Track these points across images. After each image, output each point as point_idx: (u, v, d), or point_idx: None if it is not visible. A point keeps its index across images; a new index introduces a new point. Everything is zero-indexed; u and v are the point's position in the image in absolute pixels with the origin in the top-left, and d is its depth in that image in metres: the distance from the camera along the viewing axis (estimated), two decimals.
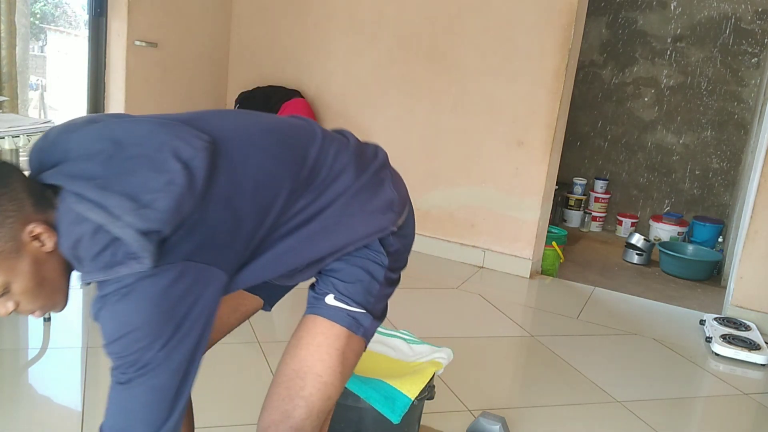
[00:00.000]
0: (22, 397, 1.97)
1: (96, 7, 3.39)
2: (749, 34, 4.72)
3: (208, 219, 0.94)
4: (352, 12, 3.90)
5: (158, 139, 0.95)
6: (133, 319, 0.89)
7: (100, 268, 0.89)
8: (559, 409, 2.24)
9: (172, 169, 0.91)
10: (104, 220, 0.88)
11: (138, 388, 0.91)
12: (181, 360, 0.93)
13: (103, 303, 0.90)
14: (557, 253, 3.82)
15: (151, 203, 0.88)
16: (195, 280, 0.92)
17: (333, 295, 1.11)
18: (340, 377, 1.10)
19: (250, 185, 0.99)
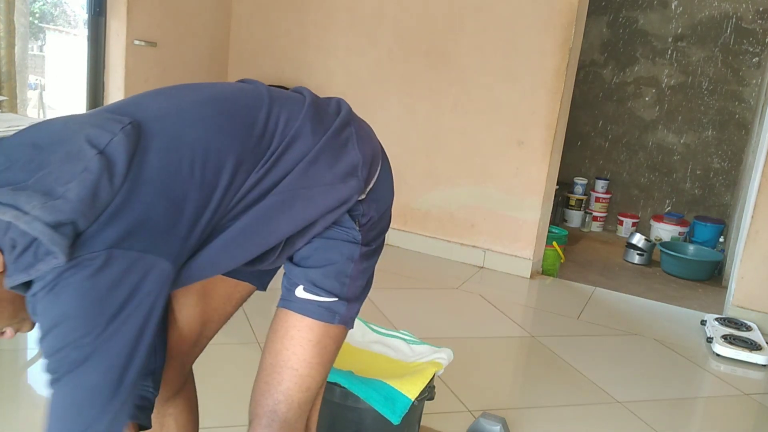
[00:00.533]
0: (22, 397, 1.96)
1: (95, 6, 3.38)
2: (750, 33, 4.71)
3: (136, 204, 0.87)
4: (352, 11, 3.90)
5: (72, 130, 0.90)
6: (60, 312, 0.84)
7: (22, 270, 0.84)
8: (559, 410, 2.24)
9: (86, 156, 0.86)
10: (13, 218, 0.82)
11: (68, 385, 0.85)
12: (116, 354, 0.86)
13: (33, 301, 0.85)
14: (558, 253, 3.81)
15: (63, 194, 0.83)
16: (127, 269, 0.86)
17: (302, 287, 1.07)
18: (318, 367, 1.08)
19: (186, 164, 0.92)
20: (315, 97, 1.10)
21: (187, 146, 0.93)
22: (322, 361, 1.08)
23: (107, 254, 0.84)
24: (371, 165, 1.09)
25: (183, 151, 0.92)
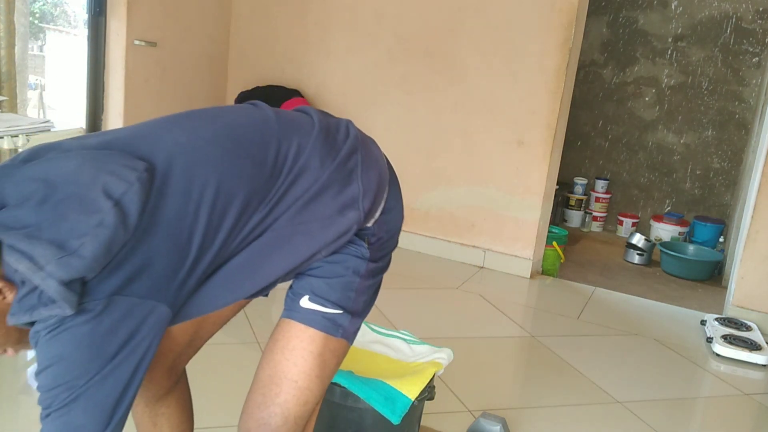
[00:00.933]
0: (21, 397, 1.96)
1: (95, 6, 3.38)
2: (750, 33, 4.71)
3: (142, 251, 0.89)
4: (352, 11, 3.90)
5: (88, 176, 0.89)
6: (57, 353, 0.86)
7: (25, 311, 0.85)
8: (559, 410, 2.24)
9: (102, 208, 0.86)
10: (28, 270, 0.84)
11: (56, 422, 0.87)
12: (106, 396, 0.88)
13: (36, 337, 0.88)
14: (558, 253, 3.81)
15: (77, 249, 0.84)
16: (125, 314, 0.87)
17: (308, 296, 1.07)
18: (317, 381, 1.07)
19: (193, 208, 0.92)
20: (323, 120, 1.09)
21: (197, 189, 0.93)
22: (321, 375, 1.07)
23: (107, 301, 0.86)
24: (376, 193, 1.08)
25: (193, 194, 0.93)
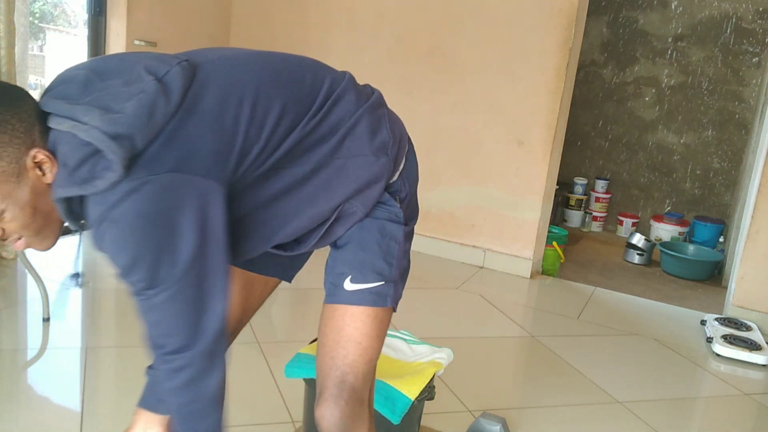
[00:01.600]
0: (21, 397, 1.96)
1: (95, 6, 3.38)
2: (750, 33, 4.71)
3: (190, 131, 0.90)
4: (352, 11, 3.90)
5: (132, 60, 0.96)
6: (132, 240, 0.86)
7: (78, 183, 0.86)
8: (559, 410, 2.24)
9: (144, 80, 0.90)
10: (72, 128, 0.85)
11: (160, 308, 0.92)
12: (198, 272, 0.91)
13: (101, 231, 0.87)
14: (558, 253, 3.81)
15: (120, 110, 0.86)
16: (188, 191, 0.88)
17: (350, 277, 1.12)
18: (377, 340, 1.15)
19: (236, 100, 0.95)
20: (352, 75, 1.17)
21: (239, 85, 0.97)
22: (380, 334, 1.16)
23: (169, 177, 0.87)
24: (400, 145, 1.15)
25: (235, 88, 0.97)
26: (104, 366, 2.21)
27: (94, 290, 2.82)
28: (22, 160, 0.88)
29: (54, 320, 2.44)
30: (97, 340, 2.36)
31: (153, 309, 0.93)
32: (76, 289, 2.79)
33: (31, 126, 0.89)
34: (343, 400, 1.11)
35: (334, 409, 1.11)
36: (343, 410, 1.11)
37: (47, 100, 0.92)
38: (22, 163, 0.88)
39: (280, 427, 1.89)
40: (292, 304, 1.63)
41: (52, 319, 2.43)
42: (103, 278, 2.98)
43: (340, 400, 1.11)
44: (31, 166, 0.89)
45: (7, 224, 0.91)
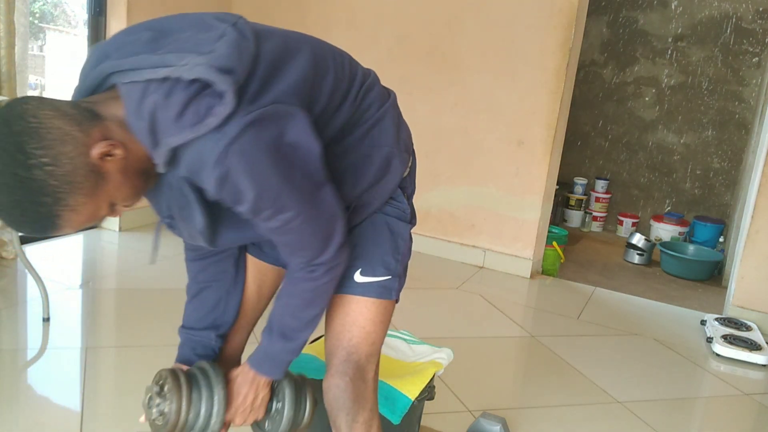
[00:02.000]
0: (21, 397, 1.96)
1: (95, 6, 3.38)
2: (750, 33, 4.71)
3: (278, 69, 0.96)
4: (352, 11, 3.90)
5: (193, 17, 0.98)
6: (261, 167, 0.89)
7: (188, 126, 0.86)
8: (559, 410, 2.24)
9: (218, 27, 0.93)
10: (171, 72, 0.85)
11: (297, 228, 0.98)
12: (318, 188, 0.98)
13: (225, 166, 0.87)
14: (558, 253, 3.81)
15: (212, 50, 0.88)
16: (295, 118, 0.93)
17: (360, 270, 1.19)
18: (381, 326, 1.22)
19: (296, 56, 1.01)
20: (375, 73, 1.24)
21: (298, 43, 1.04)
22: (384, 321, 1.23)
23: (275, 108, 0.91)
24: (411, 143, 1.25)
25: (296, 43, 1.03)
26: (104, 366, 2.21)
27: (94, 290, 2.82)
28: (92, 166, 0.87)
29: (54, 320, 2.44)
30: (97, 340, 2.36)
31: (290, 230, 0.98)
32: (77, 288, 2.79)
33: (73, 137, 0.85)
34: (348, 375, 1.18)
35: (340, 381, 1.18)
36: (348, 383, 1.18)
37: (112, 64, 0.91)
38: (95, 167, 0.87)
39: None
40: None
41: (52, 319, 2.43)
42: (104, 278, 2.98)
43: (345, 375, 1.18)
44: (102, 162, 0.88)
45: (121, 207, 0.94)
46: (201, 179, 0.90)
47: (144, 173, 0.95)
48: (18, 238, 2.41)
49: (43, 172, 0.82)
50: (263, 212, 0.94)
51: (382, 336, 1.25)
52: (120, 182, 0.91)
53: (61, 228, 0.88)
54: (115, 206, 0.93)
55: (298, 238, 1.01)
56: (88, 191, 0.87)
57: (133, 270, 3.09)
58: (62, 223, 0.87)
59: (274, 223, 0.97)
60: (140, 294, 2.82)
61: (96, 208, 0.90)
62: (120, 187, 0.92)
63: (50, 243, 3.30)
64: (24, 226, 0.87)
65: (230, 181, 0.89)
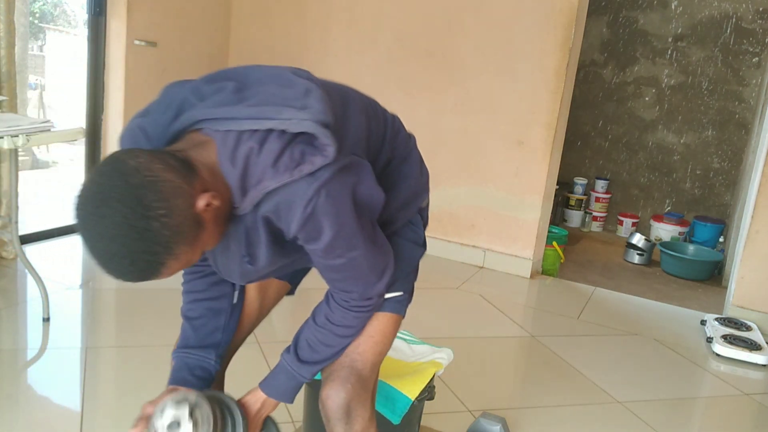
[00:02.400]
0: (21, 397, 1.96)
1: (95, 6, 3.38)
2: (750, 33, 4.71)
3: (348, 124, 1.06)
4: (352, 11, 3.89)
5: (273, 69, 1.06)
6: (345, 209, 1.00)
7: (285, 171, 0.93)
8: (559, 410, 2.24)
9: (300, 83, 1.00)
10: (276, 125, 0.93)
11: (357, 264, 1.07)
12: (373, 233, 1.08)
13: (315, 206, 0.95)
14: (558, 253, 3.81)
15: (307, 105, 0.96)
16: (365, 168, 1.04)
17: None
18: (389, 336, 1.26)
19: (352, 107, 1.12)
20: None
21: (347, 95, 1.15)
22: (392, 333, 1.27)
23: (352, 158, 1.02)
24: (428, 180, 1.34)
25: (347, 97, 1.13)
26: (104, 366, 2.21)
27: (94, 290, 2.82)
28: (197, 218, 0.92)
29: (54, 320, 2.44)
30: (97, 340, 2.36)
31: (353, 267, 1.07)
32: (77, 289, 2.79)
33: (181, 188, 0.89)
34: (350, 383, 1.18)
35: (340, 390, 1.17)
36: (349, 392, 1.17)
37: (203, 112, 0.97)
38: (199, 220, 0.93)
39: (281, 427, 1.89)
40: (292, 305, 1.63)
41: (52, 319, 2.43)
42: (104, 278, 2.98)
43: (347, 383, 1.18)
44: (204, 214, 0.93)
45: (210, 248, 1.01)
46: (286, 219, 0.98)
47: (227, 218, 1.00)
48: (18, 238, 2.41)
49: (159, 224, 0.87)
50: (336, 250, 1.03)
51: (387, 347, 1.27)
52: (213, 230, 0.97)
53: (160, 276, 0.93)
54: (203, 253, 0.99)
55: (358, 273, 1.10)
56: (191, 240, 0.93)
57: None
58: (164, 271, 0.92)
59: (340, 261, 1.05)
60: (140, 294, 2.82)
61: (193, 255, 0.95)
62: (213, 234, 0.98)
63: (50, 243, 3.30)
64: (128, 275, 0.90)
65: (314, 221, 0.97)
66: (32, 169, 5.36)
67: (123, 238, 0.86)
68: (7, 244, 2.92)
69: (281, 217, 0.98)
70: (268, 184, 0.94)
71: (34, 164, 5.43)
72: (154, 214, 0.86)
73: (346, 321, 1.17)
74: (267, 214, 0.99)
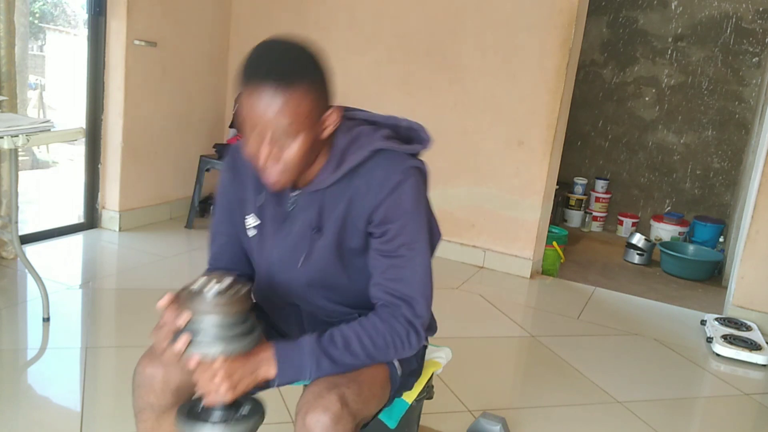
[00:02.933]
0: (21, 397, 1.96)
1: (95, 6, 3.38)
2: (750, 33, 4.71)
3: None
4: (352, 11, 3.89)
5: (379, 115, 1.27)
6: (419, 201, 1.14)
7: (390, 141, 1.14)
8: (559, 410, 2.24)
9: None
10: (397, 119, 1.22)
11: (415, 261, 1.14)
12: (429, 253, 1.18)
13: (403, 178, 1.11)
14: (558, 253, 3.81)
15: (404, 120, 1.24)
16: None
17: None
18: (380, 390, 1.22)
19: None
20: None
21: None
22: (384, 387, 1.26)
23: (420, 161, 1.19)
24: None
25: None
26: (104, 366, 2.21)
27: (94, 290, 2.82)
28: (323, 113, 1.08)
29: (54, 320, 2.44)
30: (97, 340, 2.36)
31: (411, 264, 1.13)
32: (77, 288, 2.79)
33: (333, 94, 1.12)
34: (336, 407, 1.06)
35: (323, 416, 1.05)
36: (332, 418, 1.05)
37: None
38: (322, 115, 1.08)
39: (281, 427, 1.89)
40: None
41: (52, 319, 2.43)
42: (104, 278, 2.98)
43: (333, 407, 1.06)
44: (325, 118, 1.09)
45: (290, 152, 1.06)
46: (377, 186, 1.11)
47: (306, 165, 1.10)
48: (18, 239, 2.41)
49: (322, 73, 1.15)
50: (402, 237, 1.12)
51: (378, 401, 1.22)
52: (305, 143, 1.07)
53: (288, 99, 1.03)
54: (279, 147, 1.05)
55: (412, 274, 1.13)
56: (317, 110, 1.09)
57: (133, 270, 3.09)
58: (295, 94, 1.05)
59: (402, 253, 1.12)
60: (140, 294, 2.82)
61: (308, 122, 1.06)
62: (300, 145, 1.06)
63: (50, 243, 3.30)
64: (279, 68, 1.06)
65: (399, 192, 1.11)
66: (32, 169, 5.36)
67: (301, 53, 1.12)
68: (7, 244, 2.92)
69: (372, 186, 1.11)
70: (376, 144, 1.12)
71: (34, 164, 5.43)
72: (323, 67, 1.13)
73: (377, 329, 1.12)
74: (357, 186, 1.12)
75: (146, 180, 3.75)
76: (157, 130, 3.75)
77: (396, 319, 1.13)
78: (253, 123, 1.03)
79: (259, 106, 1.01)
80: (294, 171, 1.08)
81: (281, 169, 1.07)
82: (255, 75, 1.02)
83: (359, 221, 1.13)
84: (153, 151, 3.75)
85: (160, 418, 1.22)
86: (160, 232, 3.70)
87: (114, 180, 3.57)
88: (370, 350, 1.11)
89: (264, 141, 1.04)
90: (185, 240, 3.64)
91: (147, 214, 3.78)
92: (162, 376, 1.18)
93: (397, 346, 1.13)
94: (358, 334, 1.11)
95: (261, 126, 1.03)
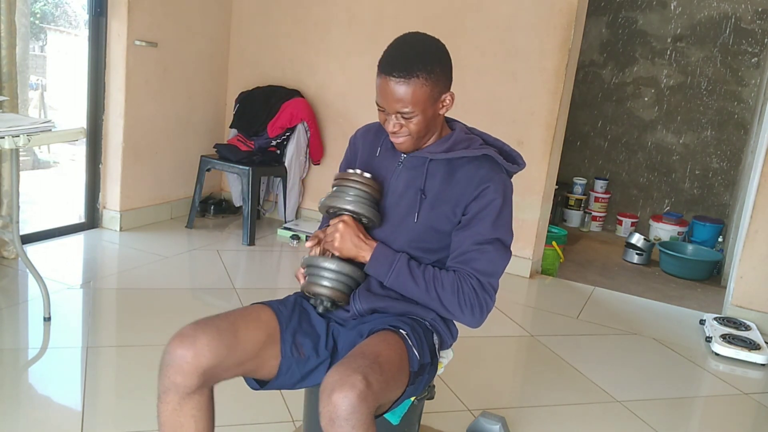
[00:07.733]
0: (22, 397, 1.97)
1: (96, 6, 3.39)
2: (749, 33, 4.72)
3: None
4: (352, 11, 3.90)
5: None
6: (506, 204, 1.41)
7: (511, 165, 1.48)
8: (559, 409, 2.25)
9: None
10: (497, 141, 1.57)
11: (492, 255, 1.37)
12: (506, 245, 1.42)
13: (500, 180, 1.40)
14: (557, 253, 3.82)
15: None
16: None
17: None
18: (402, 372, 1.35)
19: None
20: None
21: None
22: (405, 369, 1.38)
23: None
24: None
25: None
26: (105, 366, 2.22)
27: (94, 290, 2.83)
28: (443, 95, 1.42)
29: (55, 320, 2.44)
30: (97, 340, 2.37)
31: (493, 249, 1.37)
32: (77, 288, 2.80)
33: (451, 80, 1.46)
34: (364, 383, 1.14)
35: (350, 392, 1.11)
36: (361, 392, 1.12)
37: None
38: (442, 97, 1.42)
39: (281, 426, 1.90)
40: None
41: (52, 319, 2.44)
42: (104, 278, 2.98)
43: (361, 383, 1.13)
44: (441, 100, 1.41)
45: (411, 124, 1.37)
46: (478, 181, 1.38)
47: (425, 137, 1.43)
48: (19, 238, 2.41)
49: (447, 62, 1.48)
50: (490, 220, 1.36)
51: (400, 384, 1.32)
52: (428, 117, 1.39)
53: (413, 77, 1.34)
54: (407, 119, 1.36)
55: (493, 258, 1.37)
56: (436, 92, 1.41)
57: (134, 270, 3.10)
58: (420, 74, 1.36)
59: (489, 238, 1.36)
60: (140, 294, 2.82)
61: (428, 102, 1.38)
62: (423, 119, 1.38)
63: (51, 243, 3.31)
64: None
65: (495, 192, 1.38)
66: (33, 169, 5.37)
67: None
68: (8, 244, 2.92)
69: (473, 181, 1.38)
70: (486, 150, 1.43)
71: (35, 164, 5.43)
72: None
73: (450, 279, 1.36)
74: (458, 178, 1.40)
75: (147, 180, 3.75)
76: (157, 130, 3.76)
77: (466, 282, 1.36)
78: (385, 102, 1.34)
79: (388, 91, 1.32)
80: (415, 138, 1.39)
81: (405, 136, 1.39)
82: (386, 66, 1.33)
83: (452, 206, 1.39)
84: (154, 151, 3.76)
85: (183, 400, 1.22)
86: (161, 231, 3.70)
87: (115, 180, 3.58)
88: (440, 291, 1.36)
89: (392, 116, 1.36)
90: (186, 240, 3.64)
91: (148, 213, 3.79)
92: (192, 358, 1.20)
93: (461, 302, 1.35)
94: (437, 273, 1.37)
95: (390, 106, 1.34)
